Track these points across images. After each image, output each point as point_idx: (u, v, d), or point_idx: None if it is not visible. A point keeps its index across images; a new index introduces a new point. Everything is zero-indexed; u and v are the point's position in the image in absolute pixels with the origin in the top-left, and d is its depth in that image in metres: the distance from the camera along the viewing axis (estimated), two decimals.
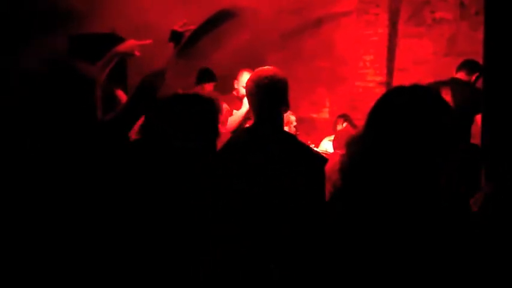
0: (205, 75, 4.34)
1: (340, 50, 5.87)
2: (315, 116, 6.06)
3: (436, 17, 5.21)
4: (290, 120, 3.86)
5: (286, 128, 3.60)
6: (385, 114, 1.05)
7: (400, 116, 1.02)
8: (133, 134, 2.34)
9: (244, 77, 3.77)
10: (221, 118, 3.53)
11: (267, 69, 1.92)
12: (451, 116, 1.04)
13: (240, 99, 3.81)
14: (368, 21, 5.35)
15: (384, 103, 1.07)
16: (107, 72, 2.11)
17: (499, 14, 2.06)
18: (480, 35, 2.18)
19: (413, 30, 5.31)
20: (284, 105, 1.91)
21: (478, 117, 3.47)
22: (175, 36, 2.05)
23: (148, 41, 2.18)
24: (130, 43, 2.18)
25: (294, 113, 3.68)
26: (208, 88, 4.53)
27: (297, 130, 3.91)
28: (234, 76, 3.88)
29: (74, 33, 3.72)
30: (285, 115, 1.96)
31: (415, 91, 1.06)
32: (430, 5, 5.22)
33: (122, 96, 2.61)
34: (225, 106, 3.71)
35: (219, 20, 5.21)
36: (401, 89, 1.10)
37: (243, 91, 3.69)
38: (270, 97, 1.87)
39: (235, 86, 3.80)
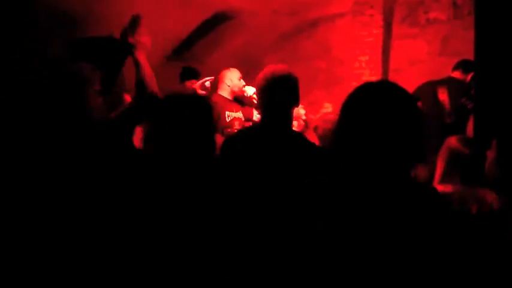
0: (188, 73, 4.25)
1: (336, 50, 5.91)
2: (312, 116, 6.09)
3: (429, 17, 5.26)
4: (299, 114, 3.79)
5: (295, 123, 3.55)
6: (353, 108, 1.12)
7: (367, 109, 1.09)
8: (137, 141, 2.33)
9: (232, 74, 3.57)
10: (232, 125, 3.50)
11: (280, 66, 1.90)
12: (415, 109, 1.11)
13: (245, 99, 3.67)
14: (363, 22, 5.39)
15: (353, 98, 1.14)
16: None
17: (489, 13, 2.10)
18: (473, 34, 2.22)
19: (408, 30, 5.36)
20: (295, 104, 1.90)
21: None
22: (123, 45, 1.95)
23: None
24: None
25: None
26: (190, 86, 4.45)
27: (306, 124, 3.84)
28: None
29: (71, 37, 3.74)
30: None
31: (381, 86, 1.13)
32: (424, 5, 5.27)
33: (128, 100, 2.61)
34: (238, 115, 3.59)
35: (215, 22, 5.24)
36: (368, 84, 1.17)
37: (240, 86, 3.54)
38: (283, 94, 1.84)
39: (228, 84, 3.54)
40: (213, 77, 3.57)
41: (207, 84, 3.60)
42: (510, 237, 1.43)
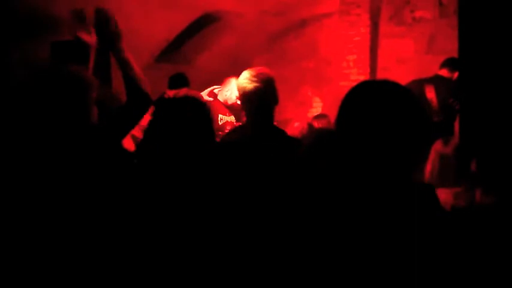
0: (178, 81, 4.20)
1: (324, 50, 5.94)
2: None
3: (416, 16, 5.31)
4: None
5: (296, 124, 3.69)
6: (352, 108, 1.08)
7: (367, 109, 1.05)
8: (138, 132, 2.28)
9: (234, 84, 3.73)
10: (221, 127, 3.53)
11: (257, 69, 2.05)
12: (420, 111, 1.07)
13: (233, 107, 3.77)
14: (350, 21, 5.42)
15: (351, 97, 1.10)
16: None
17: (472, 12, 2.12)
18: None
19: (395, 29, 5.40)
20: (275, 102, 2.04)
21: None
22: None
23: None
24: None
25: (282, 115, 3.65)
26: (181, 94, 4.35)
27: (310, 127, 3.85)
28: (220, 80, 3.82)
29: (54, 39, 3.70)
30: None
31: (383, 85, 1.08)
32: (410, 4, 5.31)
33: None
34: (231, 119, 3.68)
35: (203, 23, 5.23)
36: (368, 83, 1.15)
37: (233, 99, 3.68)
38: (263, 95, 2.00)
39: (226, 95, 3.67)
40: (220, 86, 3.62)
41: (216, 91, 3.64)
42: (507, 236, 1.43)
